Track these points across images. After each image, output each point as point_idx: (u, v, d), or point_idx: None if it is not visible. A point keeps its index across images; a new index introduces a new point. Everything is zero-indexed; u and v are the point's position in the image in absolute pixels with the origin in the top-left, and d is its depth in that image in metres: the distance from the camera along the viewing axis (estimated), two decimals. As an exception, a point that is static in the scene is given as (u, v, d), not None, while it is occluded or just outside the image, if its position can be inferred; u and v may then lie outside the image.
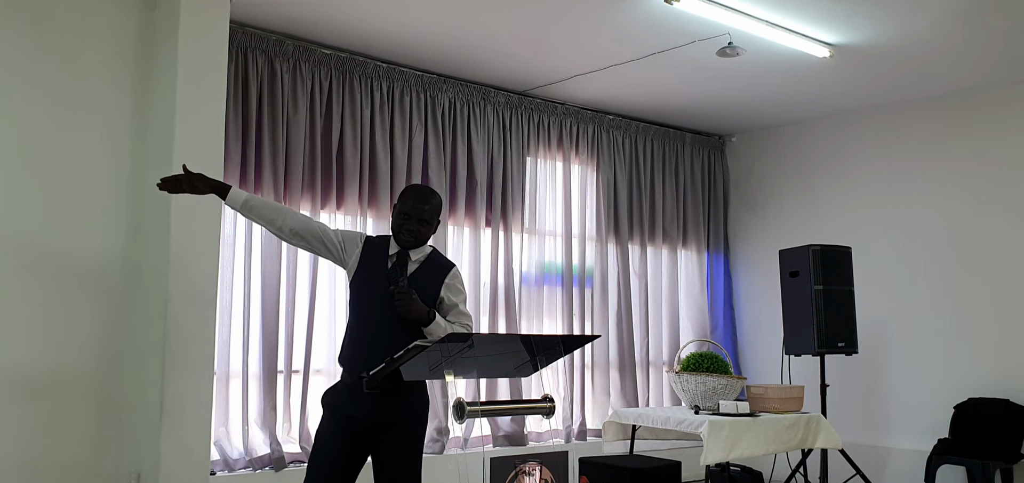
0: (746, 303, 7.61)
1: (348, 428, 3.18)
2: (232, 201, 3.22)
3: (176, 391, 4.25)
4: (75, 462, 4.26)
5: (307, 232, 3.26)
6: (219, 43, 4.54)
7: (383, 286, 3.17)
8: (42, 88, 4.28)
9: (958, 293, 6.29)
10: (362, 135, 5.57)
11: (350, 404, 3.17)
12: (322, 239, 3.26)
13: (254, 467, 4.99)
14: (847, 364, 6.25)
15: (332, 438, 3.20)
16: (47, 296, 4.23)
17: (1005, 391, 5.93)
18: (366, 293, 3.23)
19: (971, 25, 5.07)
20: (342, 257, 3.27)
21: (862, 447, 6.21)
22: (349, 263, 3.26)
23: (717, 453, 4.73)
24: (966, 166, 6.35)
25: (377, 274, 3.22)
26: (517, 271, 6.30)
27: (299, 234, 3.25)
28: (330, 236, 3.27)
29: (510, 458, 2.75)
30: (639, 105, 6.87)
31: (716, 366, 5.19)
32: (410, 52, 5.63)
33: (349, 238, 3.31)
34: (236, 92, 5.06)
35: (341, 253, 3.27)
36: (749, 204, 7.67)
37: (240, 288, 5.08)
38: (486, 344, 3.15)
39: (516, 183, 6.33)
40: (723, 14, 4.87)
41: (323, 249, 3.27)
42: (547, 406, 2.83)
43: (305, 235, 3.25)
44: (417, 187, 3.40)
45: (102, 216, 4.42)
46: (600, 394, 6.73)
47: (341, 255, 3.27)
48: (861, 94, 6.48)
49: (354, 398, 3.14)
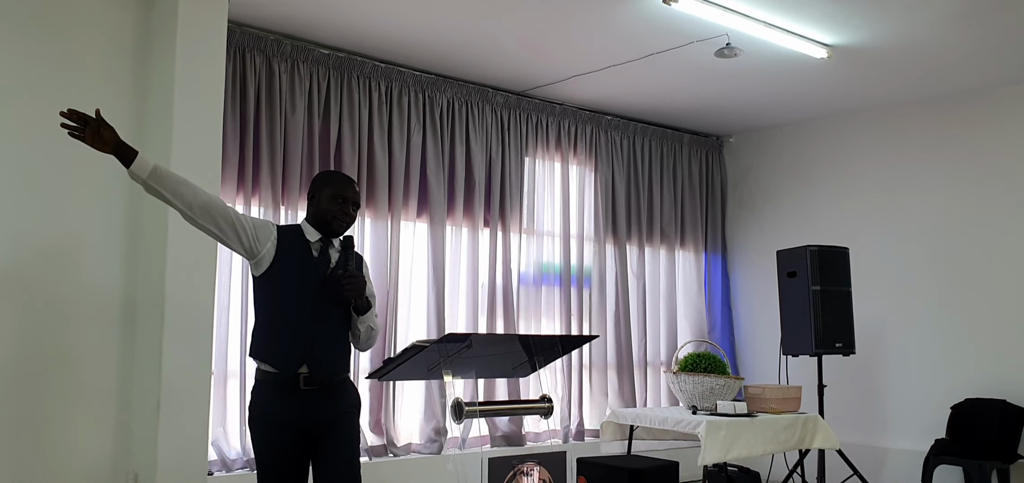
0: (744, 303, 7.62)
1: (287, 438, 2.99)
2: (138, 169, 2.81)
3: (174, 391, 4.24)
4: (72, 462, 4.25)
5: (218, 213, 2.95)
6: (217, 43, 4.54)
7: (311, 274, 3.05)
8: (39, 87, 4.27)
9: (956, 294, 6.30)
10: (360, 135, 5.57)
11: (287, 408, 2.99)
12: (234, 224, 2.97)
13: (251, 467, 4.98)
14: (844, 364, 6.25)
15: (275, 454, 3.00)
16: (43, 295, 4.22)
17: (1002, 391, 5.94)
18: (291, 283, 3.04)
19: (969, 26, 5.07)
20: (253, 246, 3.01)
21: (859, 447, 6.22)
22: (261, 252, 3.02)
23: (715, 453, 4.73)
24: (964, 167, 6.36)
25: (302, 262, 3.06)
26: (515, 271, 6.30)
27: (210, 213, 2.93)
28: (242, 222, 3.00)
29: (508, 458, 2.75)
30: (637, 105, 6.87)
31: (714, 366, 5.19)
32: (408, 52, 5.63)
33: (261, 227, 3.06)
34: (234, 92, 5.06)
35: (252, 242, 3.01)
36: (747, 204, 7.68)
37: (238, 287, 5.07)
38: (484, 344, 3.14)
39: (514, 183, 6.34)
40: (721, 15, 4.87)
41: (233, 234, 2.98)
42: (545, 406, 2.84)
43: (215, 215, 2.94)
44: (337, 172, 3.29)
45: (99, 215, 4.41)
46: (598, 394, 6.73)
47: (252, 244, 3.01)
48: (859, 95, 6.49)
49: (290, 399, 2.98)
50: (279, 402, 3.00)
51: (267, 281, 3.05)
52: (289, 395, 2.98)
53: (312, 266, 3.07)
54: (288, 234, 3.10)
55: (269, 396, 3.03)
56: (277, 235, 3.06)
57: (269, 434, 3.01)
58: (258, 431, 3.05)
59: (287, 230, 3.13)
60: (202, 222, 2.93)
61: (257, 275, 3.06)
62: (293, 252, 3.06)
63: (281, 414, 2.99)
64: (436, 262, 5.84)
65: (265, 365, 3.05)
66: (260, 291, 3.09)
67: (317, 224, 3.13)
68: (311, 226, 3.14)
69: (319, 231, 3.13)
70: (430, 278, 5.83)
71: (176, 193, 2.87)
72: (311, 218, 3.15)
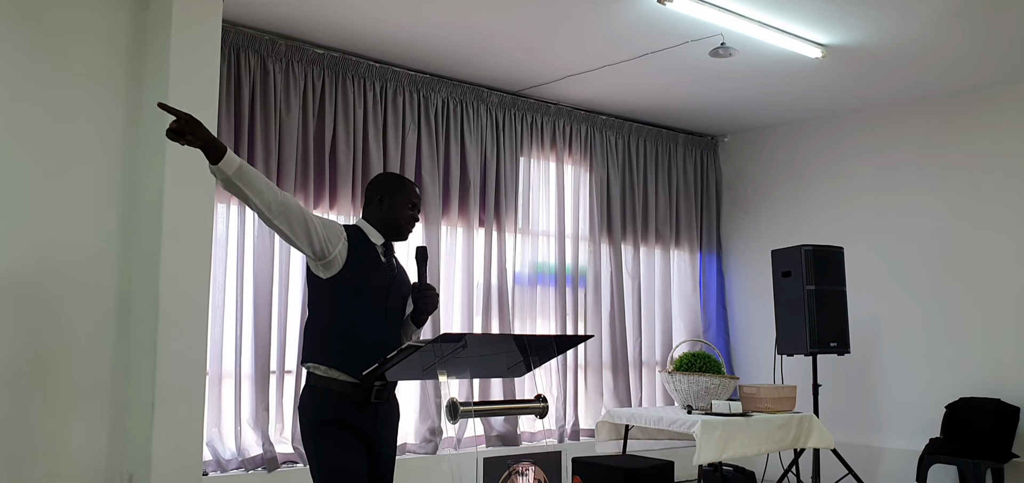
0: (739, 303, 7.62)
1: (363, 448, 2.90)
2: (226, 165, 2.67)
3: (168, 391, 4.23)
4: (67, 462, 4.24)
5: (294, 213, 2.82)
6: (211, 42, 4.53)
7: (381, 279, 2.97)
8: (34, 87, 4.26)
9: (950, 293, 6.32)
10: (355, 135, 5.57)
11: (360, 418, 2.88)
12: (306, 225, 2.83)
13: (246, 468, 4.98)
14: (839, 364, 6.26)
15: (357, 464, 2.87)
16: (38, 296, 4.21)
17: (996, 390, 5.95)
18: (366, 288, 2.92)
19: (962, 26, 5.08)
20: (324, 248, 2.87)
21: (854, 446, 6.23)
22: (332, 254, 2.88)
23: (710, 453, 4.73)
24: (958, 166, 6.37)
25: (373, 266, 2.97)
26: (510, 271, 6.30)
27: (286, 214, 2.80)
28: (314, 224, 2.86)
29: (503, 458, 2.74)
30: (632, 105, 6.88)
31: (709, 366, 5.20)
32: (403, 52, 5.63)
33: (330, 227, 2.92)
34: (228, 91, 5.05)
35: (323, 244, 2.87)
36: (742, 204, 7.69)
37: (232, 288, 5.07)
38: (479, 344, 3.14)
39: (509, 183, 6.34)
40: (716, 14, 4.88)
41: (304, 235, 2.83)
42: (540, 406, 2.83)
43: (291, 217, 2.81)
44: (404, 177, 3.15)
45: (94, 215, 4.40)
46: (593, 394, 6.74)
47: (323, 246, 2.87)
48: (853, 94, 6.50)
49: (363, 408, 2.88)
50: (354, 412, 2.87)
51: (338, 284, 2.90)
52: (362, 405, 2.87)
53: (381, 271, 2.98)
54: (355, 236, 2.97)
55: (341, 404, 2.87)
56: (348, 236, 2.94)
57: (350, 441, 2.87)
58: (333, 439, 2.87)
59: (353, 231, 2.99)
60: (277, 222, 2.80)
61: (326, 278, 2.91)
62: (364, 255, 2.95)
63: (356, 424, 2.87)
64: (431, 262, 5.84)
65: (336, 372, 2.88)
66: (328, 294, 2.92)
67: (383, 227, 3.02)
68: (375, 228, 3.03)
69: (384, 235, 3.03)
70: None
71: (257, 191, 2.73)
72: (375, 221, 3.03)
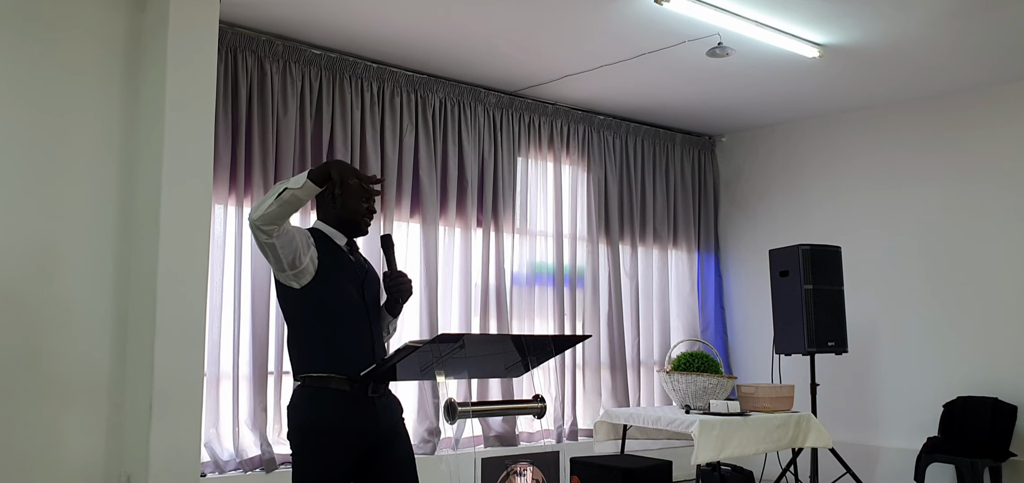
0: (736, 303, 7.63)
1: (353, 456, 2.78)
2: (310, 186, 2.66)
3: (166, 392, 4.23)
4: (65, 464, 4.23)
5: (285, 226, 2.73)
6: (208, 43, 4.52)
7: (354, 277, 2.89)
8: (30, 88, 4.25)
9: (947, 292, 6.32)
10: (352, 136, 5.57)
11: (358, 419, 2.78)
12: (286, 228, 2.71)
13: (244, 468, 4.97)
14: (837, 363, 6.26)
15: (339, 473, 2.75)
16: (36, 297, 4.21)
17: (994, 389, 5.96)
18: (343, 290, 2.83)
19: (959, 25, 5.09)
20: (295, 258, 2.74)
21: (852, 446, 6.23)
22: (303, 263, 2.76)
23: (708, 452, 4.74)
24: (955, 165, 6.38)
25: (344, 266, 2.87)
26: (508, 271, 6.30)
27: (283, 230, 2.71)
28: (292, 230, 2.75)
29: (501, 458, 2.74)
30: (629, 105, 6.88)
31: (707, 366, 5.20)
32: (400, 52, 5.62)
33: (301, 233, 2.79)
34: (226, 92, 5.05)
35: (300, 249, 2.76)
36: (739, 204, 7.69)
37: (230, 289, 5.07)
38: (477, 344, 3.13)
39: (507, 183, 6.34)
40: (713, 14, 4.88)
41: (285, 240, 2.70)
42: (538, 406, 2.83)
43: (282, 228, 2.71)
44: (353, 167, 2.93)
45: (92, 216, 4.39)
46: (591, 394, 6.74)
47: (297, 252, 2.74)
48: (850, 94, 6.51)
49: (362, 409, 2.79)
50: (350, 415, 2.78)
51: (314, 292, 2.80)
52: (361, 405, 2.80)
53: (352, 269, 2.91)
54: (320, 240, 2.86)
55: (336, 409, 2.77)
56: (316, 238, 2.83)
57: (335, 453, 2.77)
58: (319, 447, 2.77)
59: (317, 235, 2.87)
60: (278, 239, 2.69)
61: (298, 287, 2.78)
62: (335, 255, 2.87)
63: (353, 426, 2.78)
64: (429, 262, 5.84)
65: (331, 376, 2.79)
66: (306, 303, 2.80)
67: (342, 227, 2.91)
68: (335, 229, 2.91)
69: (345, 233, 2.92)
70: (423, 278, 5.82)
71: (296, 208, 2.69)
72: (332, 220, 2.91)
